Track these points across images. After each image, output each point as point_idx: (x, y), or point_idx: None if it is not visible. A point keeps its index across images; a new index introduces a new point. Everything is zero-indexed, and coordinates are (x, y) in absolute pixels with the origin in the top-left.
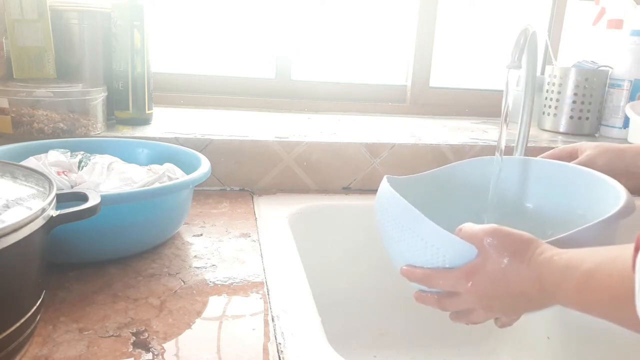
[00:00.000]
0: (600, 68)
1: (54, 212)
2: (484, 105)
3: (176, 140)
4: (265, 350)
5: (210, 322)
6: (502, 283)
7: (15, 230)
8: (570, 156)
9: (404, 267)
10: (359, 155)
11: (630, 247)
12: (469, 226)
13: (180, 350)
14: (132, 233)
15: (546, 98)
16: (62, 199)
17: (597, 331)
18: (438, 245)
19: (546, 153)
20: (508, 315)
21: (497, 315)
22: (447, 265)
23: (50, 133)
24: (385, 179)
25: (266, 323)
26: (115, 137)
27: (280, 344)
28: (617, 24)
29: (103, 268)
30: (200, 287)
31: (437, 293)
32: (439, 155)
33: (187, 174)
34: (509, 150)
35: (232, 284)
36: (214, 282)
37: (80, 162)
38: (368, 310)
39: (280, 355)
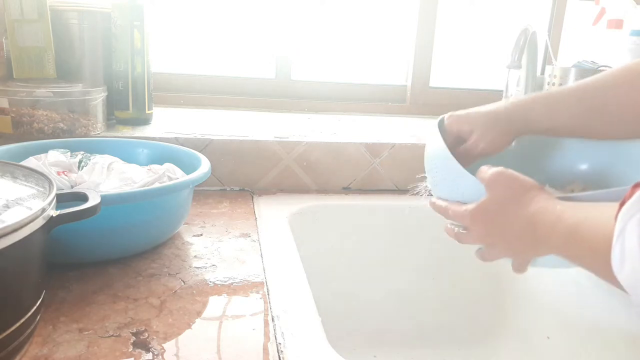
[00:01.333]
0: (600, 68)
1: (54, 212)
2: None
3: (176, 140)
4: (265, 350)
5: (210, 322)
6: (499, 222)
7: (15, 230)
8: (458, 138)
9: (431, 200)
10: (359, 155)
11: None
12: (485, 167)
13: (180, 350)
14: (132, 233)
15: None
16: (62, 199)
17: (597, 331)
18: (458, 182)
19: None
20: (514, 257)
21: (503, 255)
22: (463, 201)
23: (50, 133)
24: (437, 122)
25: (266, 323)
26: (115, 137)
27: (280, 344)
28: (617, 24)
29: (103, 268)
30: (200, 287)
31: (457, 226)
32: None
33: (187, 174)
34: None
35: (232, 284)
36: (214, 282)
37: (80, 162)
38: (368, 310)
39: (280, 355)
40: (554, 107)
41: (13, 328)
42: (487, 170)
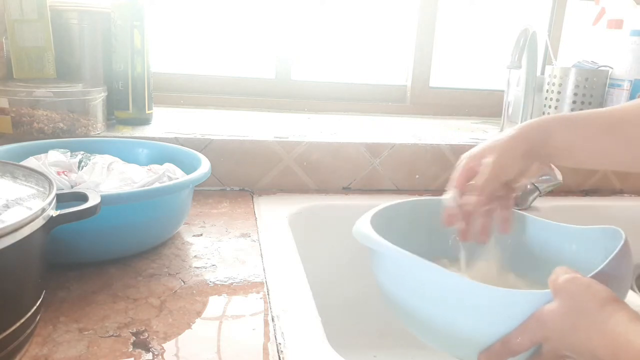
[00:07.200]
0: (600, 68)
1: (54, 212)
2: (484, 105)
3: (176, 140)
4: (265, 350)
5: (210, 322)
6: (572, 336)
7: (15, 230)
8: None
9: (484, 355)
10: (359, 155)
11: None
12: (558, 269)
13: (180, 350)
14: (132, 233)
15: (546, 98)
16: (62, 199)
17: None
18: (505, 306)
19: (454, 182)
20: None
21: None
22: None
23: (50, 133)
24: (368, 229)
25: (266, 323)
26: (115, 137)
27: (280, 344)
28: (617, 24)
29: (103, 268)
30: (200, 287)
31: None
32: (439, 155)
33: (187, 174)
34: None
35: (232, 284)
36: (214, 282)
37: (80, 162)
38: (368, 310)
39: (280, 355)
40: (571, 124)
41: (13, 328)
42: (558, 276)
